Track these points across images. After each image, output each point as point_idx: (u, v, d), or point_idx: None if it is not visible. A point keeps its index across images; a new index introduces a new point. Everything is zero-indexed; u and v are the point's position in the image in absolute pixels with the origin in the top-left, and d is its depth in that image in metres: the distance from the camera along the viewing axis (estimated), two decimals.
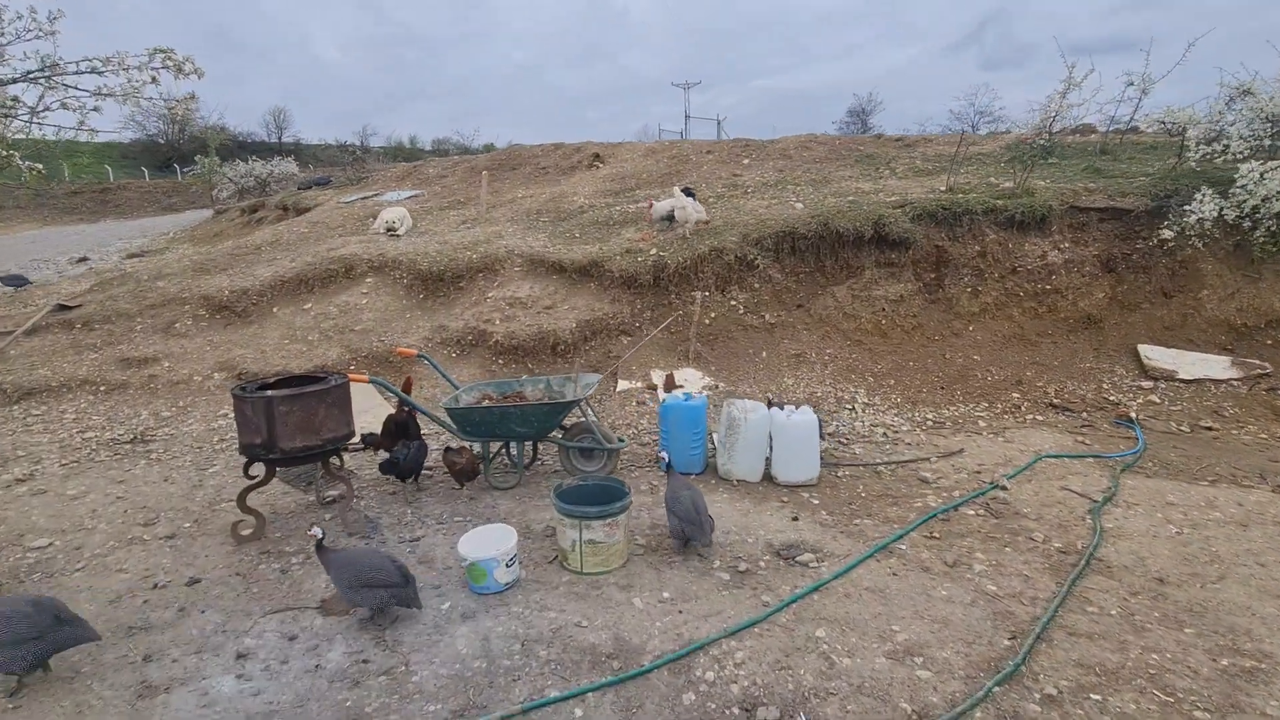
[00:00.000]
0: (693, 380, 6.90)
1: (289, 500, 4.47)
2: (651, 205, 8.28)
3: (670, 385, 6.74)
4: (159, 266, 9.21)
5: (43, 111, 8.16)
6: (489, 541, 3.33)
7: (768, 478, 4.80)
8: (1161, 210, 7.54)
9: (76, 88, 7.91)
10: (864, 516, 4.25)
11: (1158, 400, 6.43)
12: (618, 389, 6.77)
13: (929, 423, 6.13)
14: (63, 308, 7.90)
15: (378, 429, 4.68)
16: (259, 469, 3.86)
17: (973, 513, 4.30)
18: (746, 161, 11.56)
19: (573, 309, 7.43)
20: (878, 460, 5.20)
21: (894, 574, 3.51)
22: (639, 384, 6.87)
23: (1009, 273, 7.62)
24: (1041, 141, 8.39)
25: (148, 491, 4.57)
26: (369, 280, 8.02)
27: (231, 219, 18.00)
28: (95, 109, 8.26)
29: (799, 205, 8.23)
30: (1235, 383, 6.59)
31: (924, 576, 3.48)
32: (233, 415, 4.91)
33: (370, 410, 5.75)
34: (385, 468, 4.44)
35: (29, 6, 7.82)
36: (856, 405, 6.48)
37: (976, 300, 7.60)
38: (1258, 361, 6.79)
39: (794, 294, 7.71)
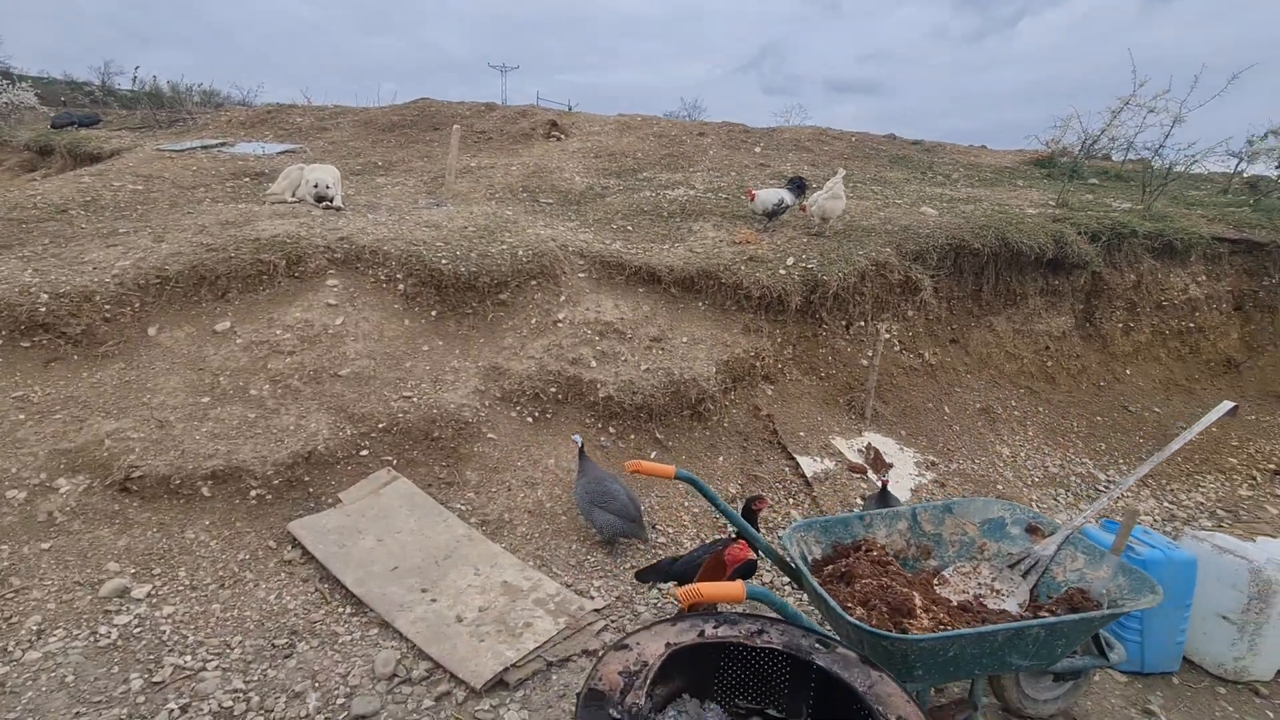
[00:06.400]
0: (894, 454, 4.81)
1: None
2: (753, 196, 5.99)
3: (880, 464, 4.59)
4: None
5: None
6: None
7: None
8: None
9: None
10: None
11: None
12: (808, 474, 4.45)
13: (1215, 512, 4.72)
14: None
15: None
16: None
17: None
18: (759, 150, 9.58)
19: (695, 342, 4.91)
20: None
21: None
22: (828, 462, 4.60)
23: (1156, 308, 6.59)
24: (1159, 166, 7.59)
25: None
26: (332, 283, 4.71)
27: None
28: None
29: (929, 210, 6.48)
30: None
31: None
32: None
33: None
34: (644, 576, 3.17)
35: None
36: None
37: (1129, 338, 6.46)
38: None
39: (946, 326, 5.95)
